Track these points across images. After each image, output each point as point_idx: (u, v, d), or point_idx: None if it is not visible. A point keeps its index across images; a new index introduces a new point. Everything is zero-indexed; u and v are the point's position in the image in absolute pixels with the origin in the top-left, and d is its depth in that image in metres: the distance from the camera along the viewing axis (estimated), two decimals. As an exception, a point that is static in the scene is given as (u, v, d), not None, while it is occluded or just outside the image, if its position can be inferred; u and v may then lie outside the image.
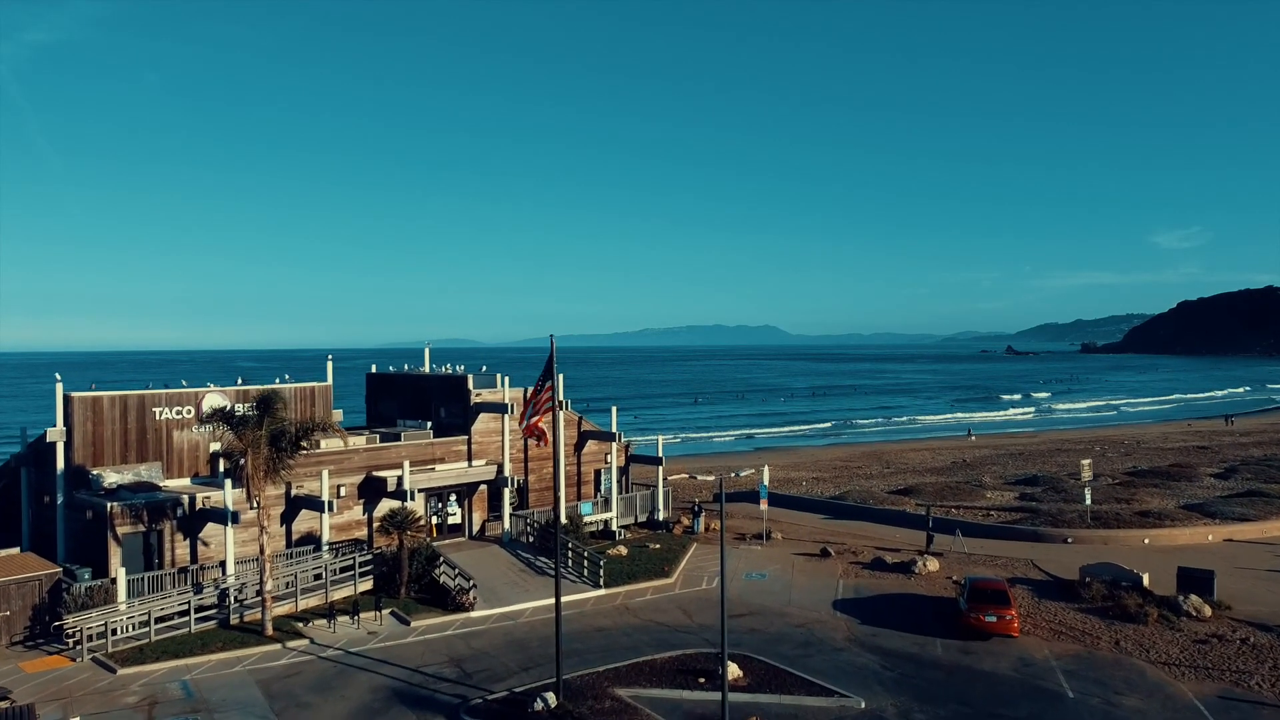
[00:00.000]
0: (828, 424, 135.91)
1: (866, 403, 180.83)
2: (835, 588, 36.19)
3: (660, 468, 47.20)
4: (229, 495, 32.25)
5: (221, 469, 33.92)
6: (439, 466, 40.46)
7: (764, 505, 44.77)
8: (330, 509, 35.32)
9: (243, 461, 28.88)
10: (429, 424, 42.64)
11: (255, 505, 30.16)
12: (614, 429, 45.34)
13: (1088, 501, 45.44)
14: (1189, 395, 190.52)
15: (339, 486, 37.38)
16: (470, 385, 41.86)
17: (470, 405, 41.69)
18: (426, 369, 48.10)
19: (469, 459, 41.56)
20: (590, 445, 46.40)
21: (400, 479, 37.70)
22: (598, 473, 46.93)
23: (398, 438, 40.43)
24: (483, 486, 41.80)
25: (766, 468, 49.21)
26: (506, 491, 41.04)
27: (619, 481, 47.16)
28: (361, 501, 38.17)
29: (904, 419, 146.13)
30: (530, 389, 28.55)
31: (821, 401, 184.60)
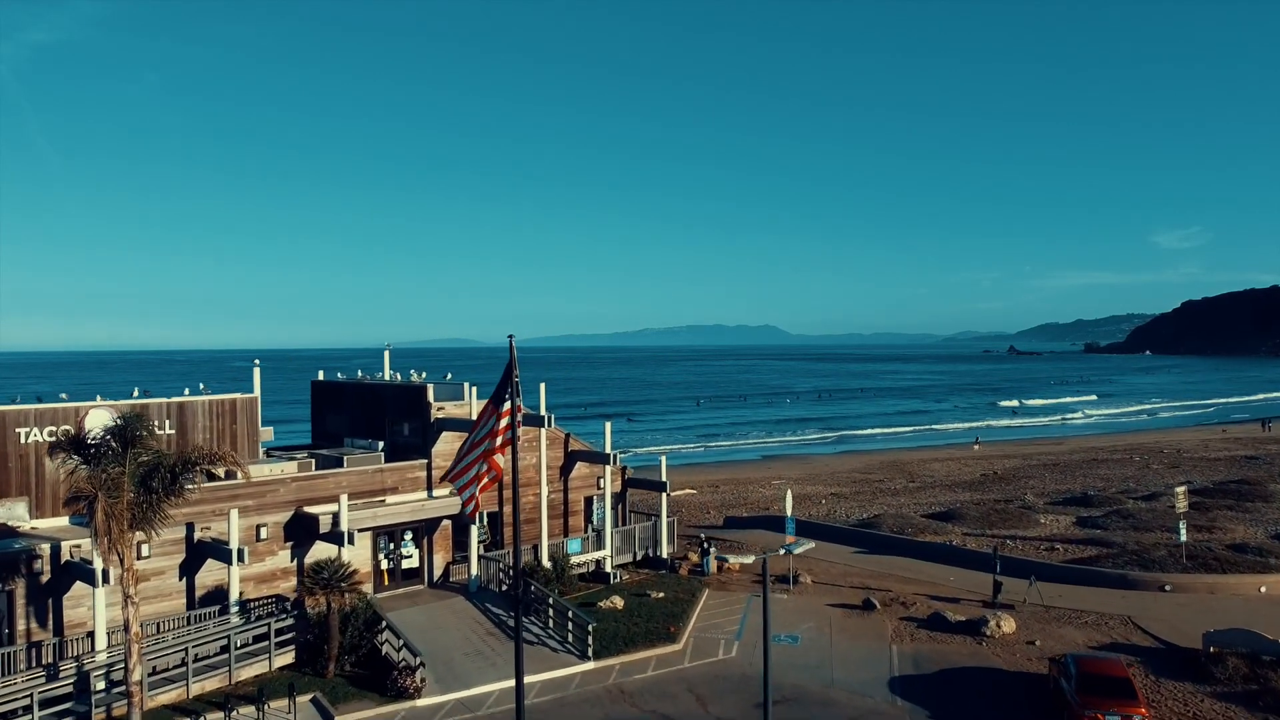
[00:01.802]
0: (838, 431, 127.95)
1: (876, 406, 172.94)
2: (888, 658, 28.37)
3: (664, 495, 39.33)
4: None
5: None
6: (391, 498, 32.61)
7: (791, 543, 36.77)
8: (241, 559, 27.44)
9: (97, 508, 20.98)
10: (381, 444, 34.80)
11: (118, 566, 22.29)
12: (608, 448, 37.49)
13: (1182, 537, 37.59)
14: (1218, 400, 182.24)
15: (259, 527, 29.52)
16: (430, 397, 33.98)
17: (430, 421, 33.83)
18: (386, 375, 40.22)
19: (429, 488, 33.70)
20: (579, 468, 38.56)
21: (336, 517, 29.80)
22: (588, 501, 39.12)
23: (339, 462, 32.57)
24: (446, 522, 33.94)
25: (789, 493, 41.41)
26: (474, 529, 33.16)
27: (614, 511, 39.34)
28: (289, 545, 30.30)
29: (921, 424, 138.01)
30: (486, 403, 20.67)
31: (828, 405, 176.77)
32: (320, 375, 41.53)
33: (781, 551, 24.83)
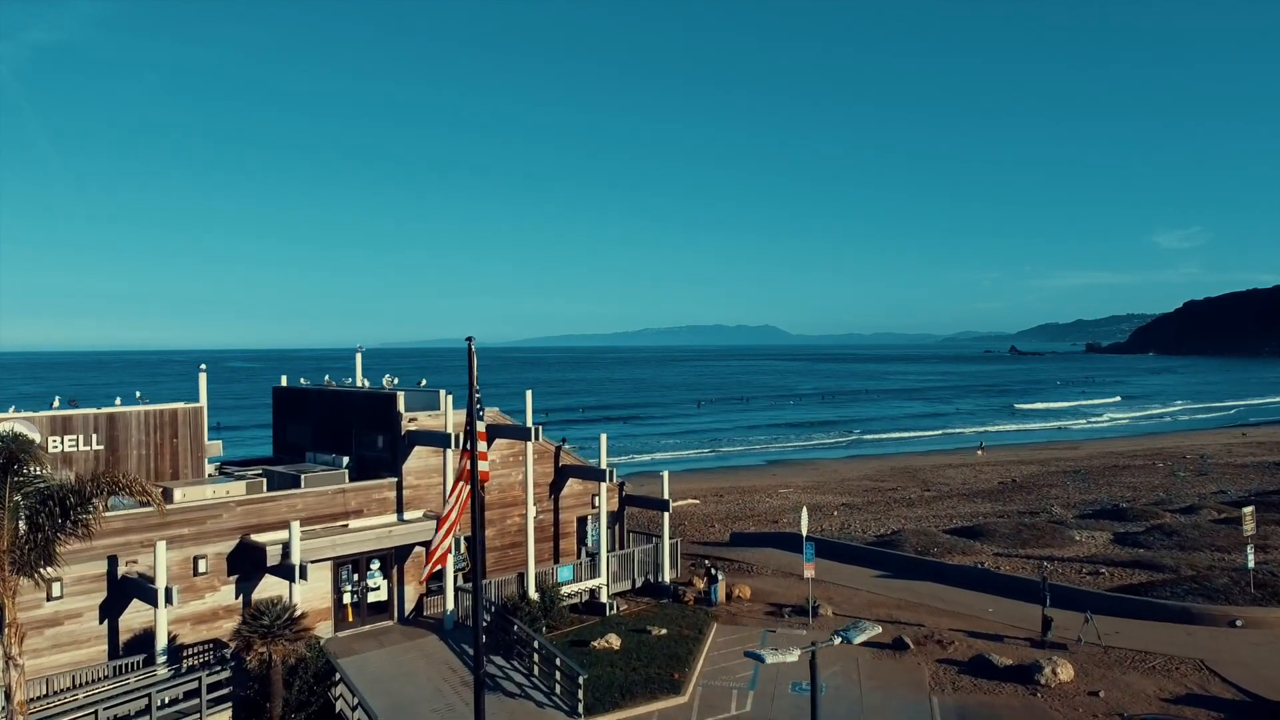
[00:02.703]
0: (847, 435, 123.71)
1: (883, 409, 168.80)
2: (929, 712, 24.29)
3: (666, 514, 35.20)
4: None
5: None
6: (354, 523, 28.51)
7: (811, 571, 32.73)
8: (169, 599, 23.33)
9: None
10: (346, 460, 30.68)
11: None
12: (603, 462, 33.34)
13: (1250, 564, 33.46)
14: (1232, 402, 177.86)
15: (197, 559, 25.44)
16: (400, 406, 29.85)
17: (400, 435, 29.71)
18: (359, 380, 36.10)
19: (399, 510, 29.60)
20: (571, 485, 34.45)
21: (287, 547, 25.68)
22: (581, 521, 35.02)
23: (295, 481, 28.46)
24: (418, 548, 29.84)
25: (805, 510, 37.31)
26: (450, 557, 29.06)
27: (611, 532, 35.25)
28: (234, 579, 26.21)
29: (931, 429, 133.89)
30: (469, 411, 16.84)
31: (834, 407, 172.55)
32: (298, 380, 37.45)
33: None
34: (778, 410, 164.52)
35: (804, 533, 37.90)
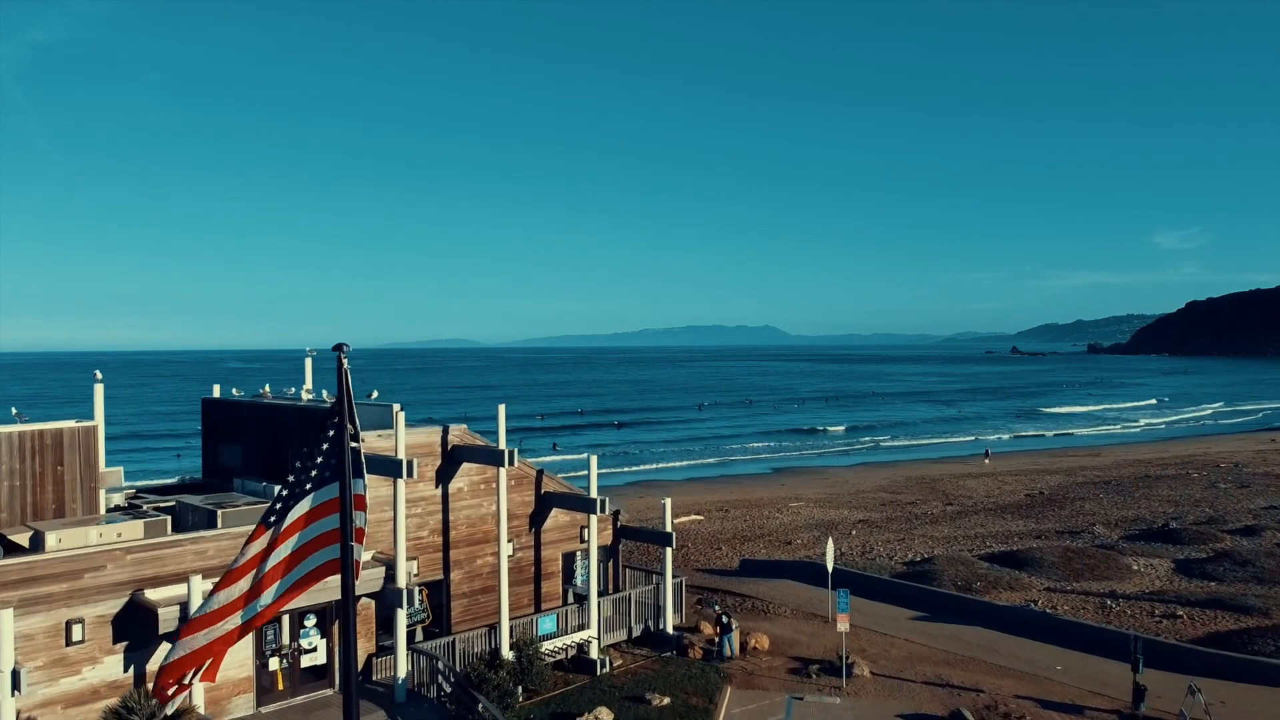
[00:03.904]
0: (857, 443, 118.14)
1: (890, 412, 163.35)
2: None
3: (669, 550, 29.66)
4: None
5: None
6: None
7: (845, 624, 27.15)
8: (15, 685, 17.79)
9: None
10: (278, 488, 25.17)
11: None
12: (593, 490, 27.77)
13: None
14: (1254, 405, 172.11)
15: (71, 624, 19.92)
16: (343, 425, 24.36)
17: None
18: (308, 390, 30.51)
19: (341, 553, 24.10)
20: (556, 517, 28.90)
21: (185, 608, 20.14)
22: (568, 558, 29.49)
23: (210, 518, 22.95)
24: (366, 599, 24.32)
25: (830, 545, 31.94)
26: (401, 613, 23.47)
27: (603, 570, 29.79)
28: (121, 649, 20.67)
29: (945, 435, 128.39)
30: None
31: (840, 410, 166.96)
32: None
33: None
34: (782, 414, 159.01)
35: (830, 567, 32.49)
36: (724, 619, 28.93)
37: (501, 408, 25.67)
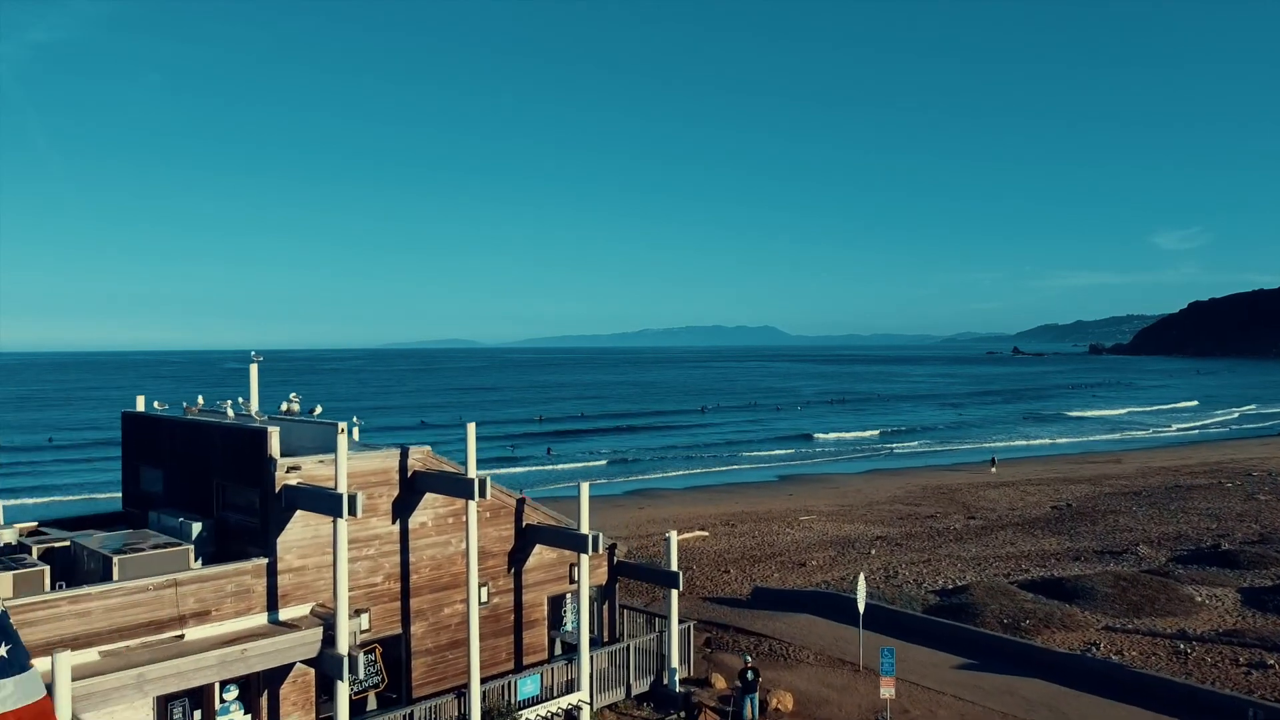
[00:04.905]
0: (869, 447, 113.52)
1: (897, 415, 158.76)
2: None
3: (675, 591, 25.04)
4: None
5: None
6: (195, 631, 18.41)
7: (890, 689, 22.54)
8: None
9: None
10: (198, 528, 20.57)
11: None
12: (584, 525, 23.10)
13: None
14: (1273, 409, 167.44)
15: (-100, 714, 15.36)
16: (273, 448, 19.68)
17: (273, 491, 19.59)
18: (253, 401, 25.76)
19: (271, 607, 19.49)
20: (540, 554, 24.30)
21: (50, 688, 15.54)
22: (555, 602, 24.90)
23: (106, 567, 18.38)
24: (303, 666, 19.73)
25: (862, 580, 27.40)
26: (341, 685, 18.84)
27: (596, 613, 25.23)
28: (-30, 741, 16.14)
29: (956, 441, 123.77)
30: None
31: (844, 414, 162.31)
32: (192, 405, 27.36)
33: None
34: (786, 417, 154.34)
35: (862, 605, 27.93)
36: (749, 674, 24.16)
37: (471, 427, 21.02)
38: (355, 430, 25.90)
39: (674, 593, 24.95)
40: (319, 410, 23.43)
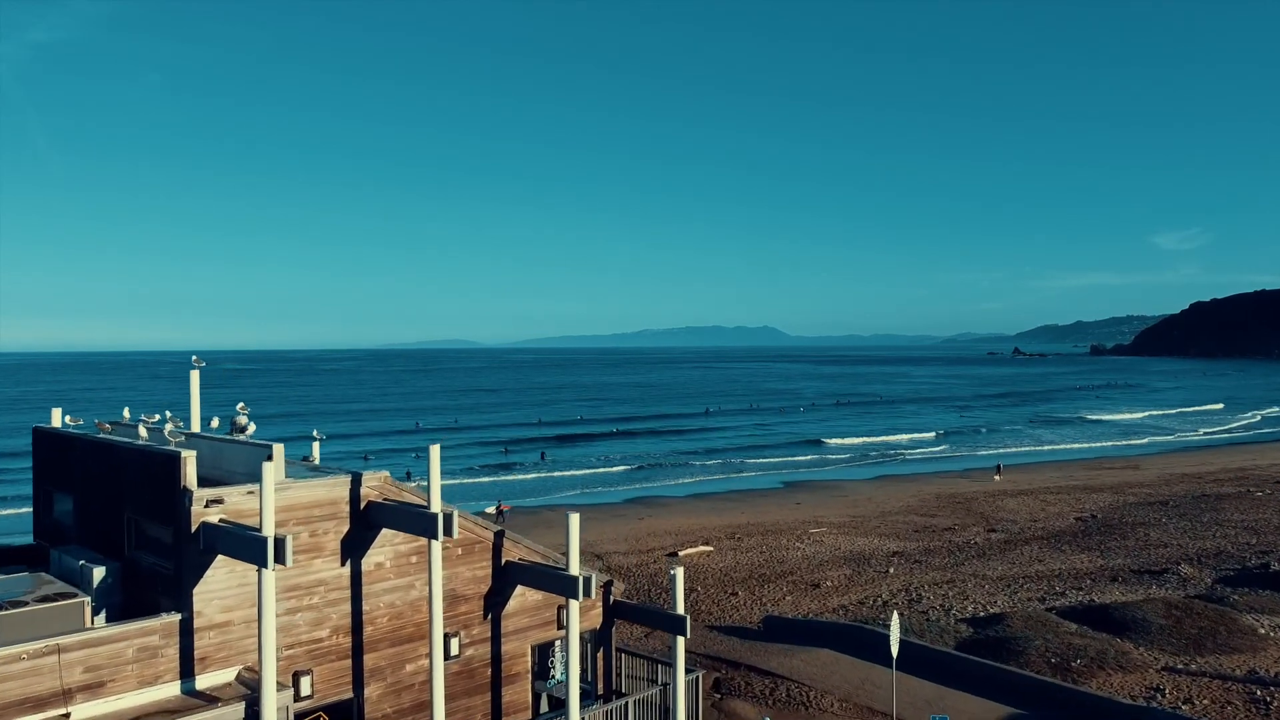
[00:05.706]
0: (878, 452, 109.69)
1: (902, 417, 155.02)
2: None
3: (681, 639, 21.35)
4: None
5: None
6: (84, 709, 14.72)
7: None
8: None
9: None
10: (102, 573, 16.89)
11: None
12: (573, 565, 19.42)
13: None
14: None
15: None
16: (187, 479, 15.97)
17: (188, 530, 15.91)
18: (193, 415, 22.12)
19: (186, 675, 15.81)
20: (523, 596, 20.59)
21: None
22: (542, 651, 21.20)
23: (-27, 628, 14.71)
24: (224, 742, 16.04)
25: (896, 619, 23.83)
26: (269, 774, 15.20)
27: (591, 664, 21.52)
28: None
29: (966, 445, 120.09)
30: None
31: (849, 417, 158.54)
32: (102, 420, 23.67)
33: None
34: (789, 420, 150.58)
35: (895, 646, 24.31)
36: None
37: (434, 449, 17.28)
38: (315, 447, 22.29)
39: (679, 640, 21.23)
40: (251, 428, 19.60)
